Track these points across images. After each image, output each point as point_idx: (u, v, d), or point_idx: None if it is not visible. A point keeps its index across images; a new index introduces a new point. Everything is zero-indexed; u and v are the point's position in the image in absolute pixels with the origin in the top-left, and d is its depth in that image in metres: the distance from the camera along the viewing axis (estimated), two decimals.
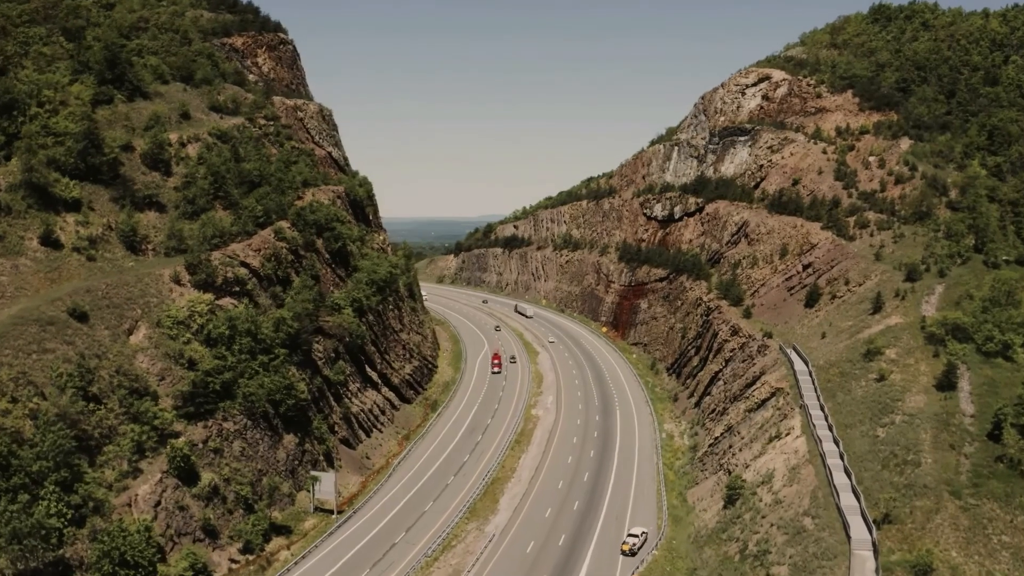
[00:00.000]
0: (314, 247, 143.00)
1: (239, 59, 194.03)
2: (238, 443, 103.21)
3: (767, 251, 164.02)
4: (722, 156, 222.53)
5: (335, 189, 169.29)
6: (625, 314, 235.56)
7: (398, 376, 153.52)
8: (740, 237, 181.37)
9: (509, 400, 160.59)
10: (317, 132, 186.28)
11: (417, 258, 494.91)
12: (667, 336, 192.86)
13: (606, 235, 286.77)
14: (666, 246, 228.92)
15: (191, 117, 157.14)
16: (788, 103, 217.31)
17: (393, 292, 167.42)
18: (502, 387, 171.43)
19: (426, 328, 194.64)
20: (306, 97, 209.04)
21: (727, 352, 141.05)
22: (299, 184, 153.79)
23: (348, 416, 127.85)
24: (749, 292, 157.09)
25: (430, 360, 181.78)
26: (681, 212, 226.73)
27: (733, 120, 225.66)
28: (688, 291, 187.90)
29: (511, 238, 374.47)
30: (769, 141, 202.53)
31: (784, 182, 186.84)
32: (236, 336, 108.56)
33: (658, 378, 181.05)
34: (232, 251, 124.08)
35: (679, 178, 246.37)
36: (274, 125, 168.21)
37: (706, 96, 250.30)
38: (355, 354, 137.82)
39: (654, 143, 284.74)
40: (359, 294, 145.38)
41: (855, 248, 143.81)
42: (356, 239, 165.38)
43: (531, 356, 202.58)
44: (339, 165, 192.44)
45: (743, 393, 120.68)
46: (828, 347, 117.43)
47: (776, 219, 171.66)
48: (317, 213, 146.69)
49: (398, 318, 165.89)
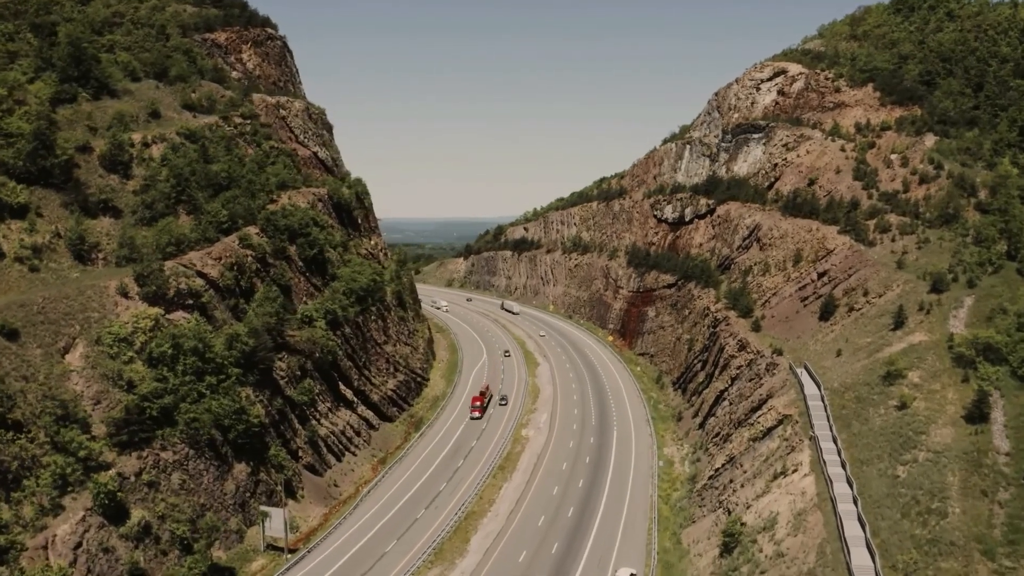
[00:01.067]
0: (285, 254, 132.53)
1: (222, 55, 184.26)
2: (177, 475, 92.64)
3: (780, 257, 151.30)
4: (735, 155, 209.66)
5: (316, 191, 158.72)
6: (633, 322, 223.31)
7: (378, 393, 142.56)
8: (752, 241, 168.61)
9: (500, 418, 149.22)
10: (302, 131, 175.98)
11: (426, 261, 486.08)
12: (674, 347, 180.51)
13: (616, 238, 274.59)
14: (676, 250, 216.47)
15: (161, 116, 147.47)
16: (805, 98, 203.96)
17: (378, 301, 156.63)
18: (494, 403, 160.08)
19: (418, 339, 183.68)
20: (295, 95, 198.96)
21: (733, 369, 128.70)
22: (273, 186, 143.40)
23: (315, 440, 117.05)
24: (759, 302, 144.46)
25: (420, 373, 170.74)
26: (692, 214, 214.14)
27: (747, 117, 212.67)
28: (696, 299, 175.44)
29: (520, 240, 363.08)
30: (784, 138, 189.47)
31: (799, 182, 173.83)
32: (180, 355, 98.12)
33: (663, 393, 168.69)
34: (189, 260, 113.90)
35: (691, 178, 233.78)
36: (251, 124, 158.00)
37: (720, 92, 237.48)
38: (326, 371, 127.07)
39: (666, 142, 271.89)
40: (335, 305, 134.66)
41: (875, 255, 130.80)
42: (337, 245, 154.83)
43: (530, 368, 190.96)
44: (326, 166, 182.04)
45: (748, 418, 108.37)
46: (843, 367, 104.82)
47: (790, 222, 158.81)
48: (290, 217, 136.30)
49: (382, 329, 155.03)
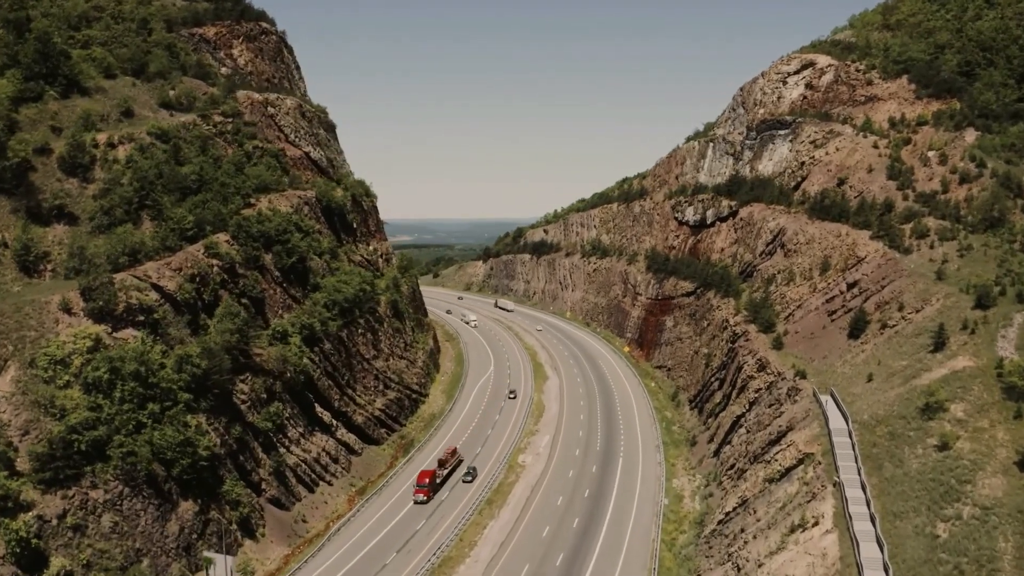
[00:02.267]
0: (259, 263, 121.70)
1: (210, 51, 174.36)
2: (108, 517, 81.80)
3: (806, 265, 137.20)
4: (759, 153, 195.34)
5: (302, 194, 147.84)
6: (651, 331, 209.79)
7: (363, 414, 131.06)
8: (775, 247, 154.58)
9: (497, 440, 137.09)
10: (293, 130, 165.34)
11: (446, 264, 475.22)
12: (691, 361, 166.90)
13: (636, 241, 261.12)
14: (697, 255, 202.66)
15: (134, 115, 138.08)
16: (834, 91, 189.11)
17: (367, 313, 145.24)
18: (494, 422, 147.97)
19: (416, 351, 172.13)
20: (290, 92, 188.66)
21: (751, 392, 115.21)
22: (250, 189, 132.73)
23: (281, 470, 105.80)
24: (782, 315, 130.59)
25: (417, 389, 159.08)
26: (714, 216, 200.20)
27: (773, 112, 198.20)
28: (715, 310, 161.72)
29: (540, 243, 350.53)
30: (812, 135, 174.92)
31: (828, 182, 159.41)
32: (119, 380, 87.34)
33: (678, 412, 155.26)
34: (144, 272, 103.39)
35: (713, 178, 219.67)
36: (233, 122, 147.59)
37: (745, 87, 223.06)
38: (300, 392, 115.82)
39: (689, 140, 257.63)
40: (313, 318, 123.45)
41: (911, 263, 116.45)
42: (324, 252, 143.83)
43: (538, 383, 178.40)
44: (319, 167, 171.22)
45: (765, 453, 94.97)
46: (875, 395, 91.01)
47: (817, 226, 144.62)
48: (266, 223, 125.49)
49: (371, 343, 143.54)
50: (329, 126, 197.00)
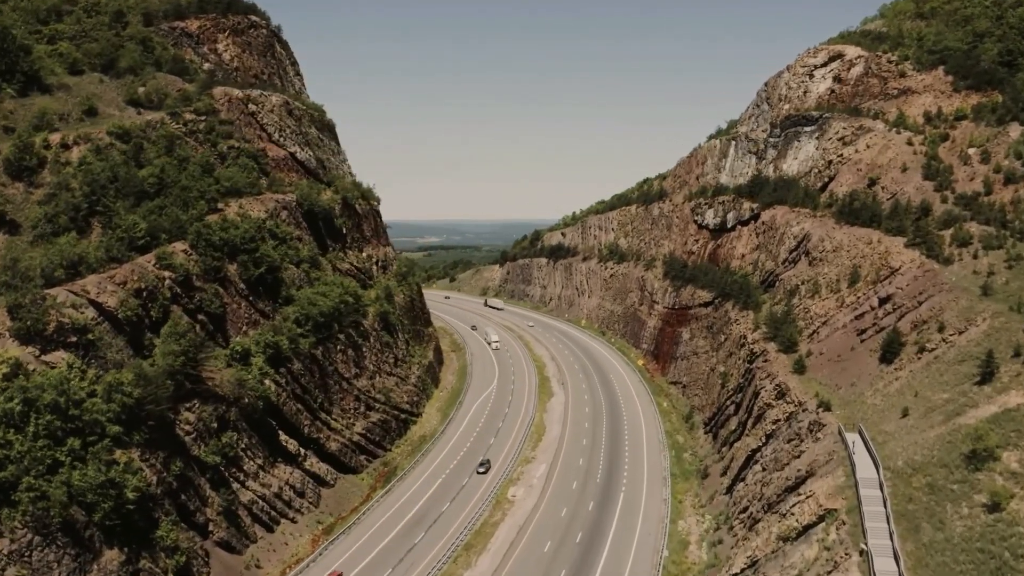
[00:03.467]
0: (220, 275, 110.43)
1: (192, 45, 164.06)
2: (14, 571, 70.46)
3: (832, 275, 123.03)
4: (784, 151, 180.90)
5: (280, 198, 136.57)
6: (667, 344, 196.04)
7: (340, 440, 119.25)
8: (800, 254, 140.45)
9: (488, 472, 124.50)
10: (277, 129, 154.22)
11: (464, 267, 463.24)
12: (707, 379, 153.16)
13: (654, 245, 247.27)
14: (716, 261, 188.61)
15: (98, 113, 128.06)
16: (864, 84, 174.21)
17: (350, 327, 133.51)
18: (488, 446, 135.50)
19: (410, 366, 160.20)
20: (281, 89, 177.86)
21: (769, 423, 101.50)
22: (216, 193, 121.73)
23: (232, 509, 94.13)
24: (805, 333, 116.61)
25: (407, 408, 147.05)
26: (734, 220, 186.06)
27: (798, 108, 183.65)
28: (732, 324, 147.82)
29: (557, 247, 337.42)
30: (840, 131, 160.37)
31: (858, 182, 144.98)
32: (33, 413, 76.19)
33: (692, 436, 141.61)
34: (82, 286, 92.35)
35: (735, 178, 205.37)
36: (207, 120, 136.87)
37: (770, 82, 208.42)
38: (259, 419, 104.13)
39: (711, 138, 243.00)
40: (281, 336, 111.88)
41: (952, 276, 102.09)
42: (303, 260, 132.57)
43: (542, 400, 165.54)
44: (306, 168, 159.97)
45: (781, 501, 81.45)
46: (911, 435, 77.22)
47: (846, 231, 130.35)
48: (231, 230, 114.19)
49: (353, 361, 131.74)
50: (323, 125, 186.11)
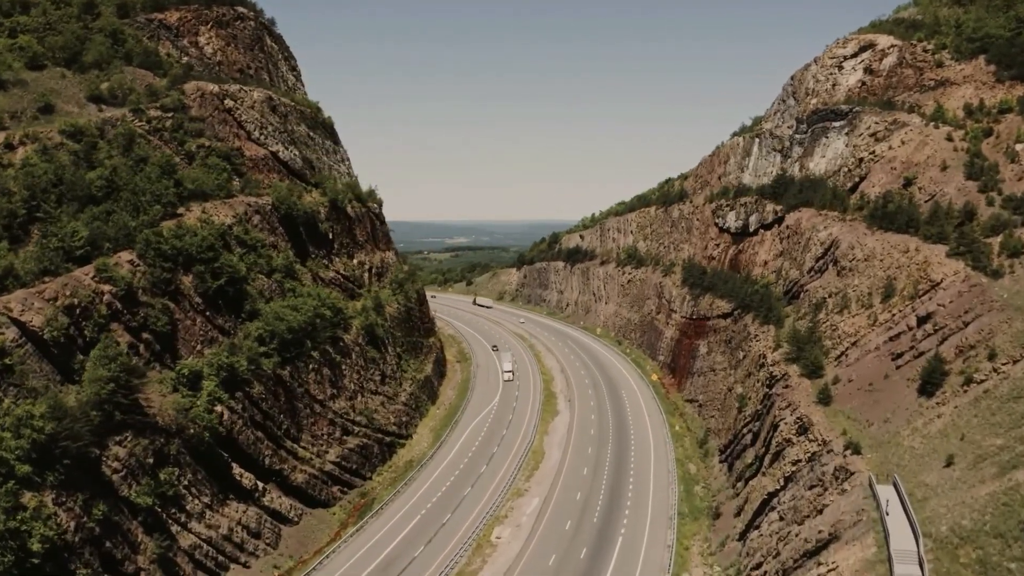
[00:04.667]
0: (171, 288, 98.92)
1: (171, 38, 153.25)
2: None
3: (863, 288, 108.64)
4: (811, 149, 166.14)
5: (253, 201, 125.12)
6: (683, 356, 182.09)
7: (308, 470, 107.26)
8: (827, 263, 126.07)
9: (476, 500, 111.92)
10: (257, 126, 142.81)
11: (481, 270, 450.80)
12: (724, 400, 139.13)
13: (673, 249, 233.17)
14: (738, 268, 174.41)
15: (55, 110, 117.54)
16: (898, 76, 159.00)
17: (326, 343, 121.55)
18: (478, 474, 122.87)
19: (401, 383, 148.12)
20: (272, 84, 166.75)
21: (788, 463, 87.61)
22: (176, 197, 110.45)
23: (170, 556, 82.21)
24: (833, 355, 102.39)
25: (394, 431, 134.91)
26: (757, 223, 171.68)
27: (826, 102, 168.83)
28: (752, 339, 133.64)
29: (574, 250, 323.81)
30: (872, 126, 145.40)
31: (892, 182, 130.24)
32: None
33: (705, 464, 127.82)
34: (5, 303, 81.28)
35: (759, 178, 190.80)
36: (174, 117, 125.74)
37: (796, 75, 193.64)
38: (208, 451, 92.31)
39: (735, 136, 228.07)
40: (238, 356, 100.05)
41: (1004, 291, 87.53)
42: (276, 270, 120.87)
43: (545, 421, 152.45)
44: (290, 168, 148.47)
45: (799, 567, 67.74)
46: (958, 492, 63.30)
47: (879, 238, 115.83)
48: (186, 238, 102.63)
49: (329, 380, 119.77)
50: (316, 122, 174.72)
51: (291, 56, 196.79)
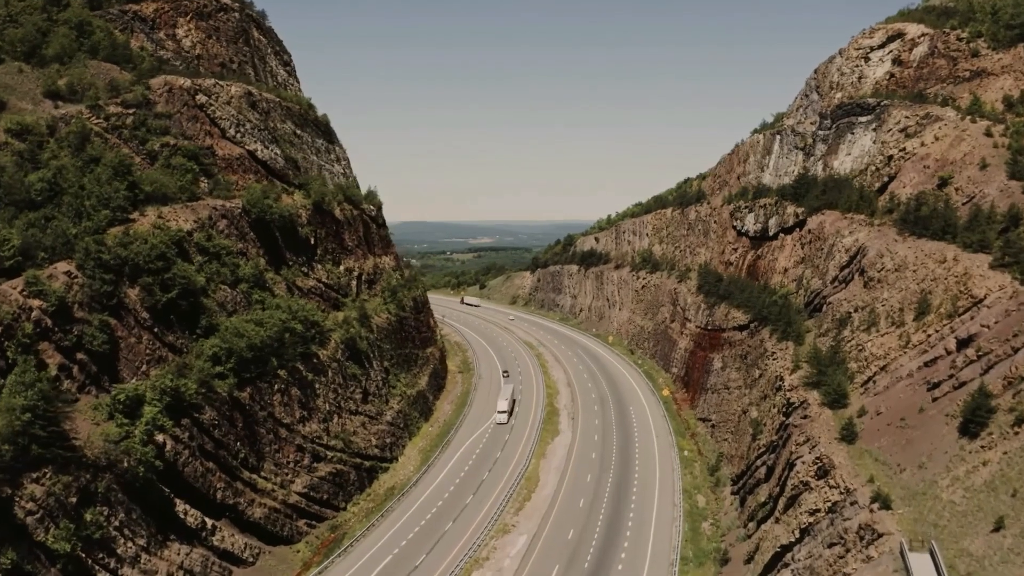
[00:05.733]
0: (114, 302, 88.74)
1: (146, 31, 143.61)
2: None
3: (894, 303, 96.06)
4: (835, 146, 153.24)
5: (220, 205, 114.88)
6: (697, 370, 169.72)
7: (269, 503, 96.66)
8: (852, 272, 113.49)
9: (457, 537, 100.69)
10: (233, 123, 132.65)
11: (496, 273, 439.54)
12: (738, 423, 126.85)
13: (689, 254, 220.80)
14: (756, 275, 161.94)
15: (6, 107, 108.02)
16: (930, 66, 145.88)
17: (296, 359, 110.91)
18: (464, 504, 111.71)
19: (389, 400, 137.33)
20: (256, 79, 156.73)
21: (805, 512, 75.44)
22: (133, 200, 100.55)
23: None
24: (859, 380, 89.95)
25: (376, 454, 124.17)
26: (777, 226, 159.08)
27: (852, 95, 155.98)
28: (768, 357, 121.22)
29: (589, 253, 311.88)
30: (902, 120, 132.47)
31: (925, 182, 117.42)
32: None
33: (716, 496, 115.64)
34: None
35: (780, 177, 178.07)
36: (136, 114, 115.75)
37: (820, 69, 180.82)
38: (146, 487, 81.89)
39: (755, 133, 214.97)
40: (186, 379, 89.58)
41: None
42: (244, 279, 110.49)
43: (543, 443, 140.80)
44: (270, 168, 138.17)
45: None
46: (1010, 569, 51.12)
47: (911, 245, 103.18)
48: (134, 246, 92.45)
49: (298, 402, 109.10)
50: (306, 120, 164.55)
51: (284, 51, 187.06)
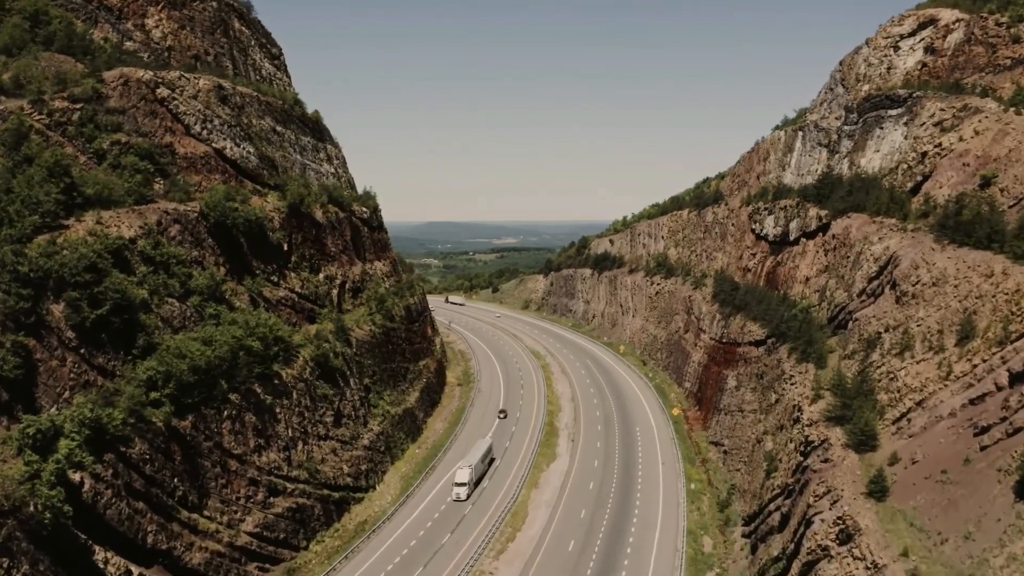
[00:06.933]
0: (32, 321, 77.52)
1: (112, 21, 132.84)
2: None
3: (932, 323, 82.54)
4: (862, 142, 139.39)
5: (173, 208, 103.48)
6: (710, 386, 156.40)
7: (212, 545, 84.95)
8: (883, 285, 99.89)
9: None
10: (199, 119, 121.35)
11: (509, 276, 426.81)
12: (752, 452, 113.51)
13: (705, 258, 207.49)
14: (775, 283, 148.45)
15: None
16: (966, 54, 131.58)
17: (252, 381, 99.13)
18: (440, 545, 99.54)
19: (368, 421, 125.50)
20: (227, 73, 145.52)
21: None
22: (69, 205, 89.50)
23: None
24: (890, 416, 76.51)
25: (350, 483, 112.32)
26: (798, 230, 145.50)
27: (881, 87, 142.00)
28: (785, 380, 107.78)
29: (603, 256, 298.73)
30: (936, 114, 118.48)
31: (964, 182, 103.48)
32: None
33: (725, 539, 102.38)
34: None
35: (802, 177, 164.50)
36: (84, 110, 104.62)
37: (845, 60, 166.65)
38: (59, 533, 70.41)
39: (776, 129, 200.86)
40: (111, 408, 78.09)
41: None
42: (197, 292, 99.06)
43: (537, 467, 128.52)
44: (240, 168, 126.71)
45: None
46: None
47: (951, 255, 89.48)
48: (57, 257, 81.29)
49: (253, 429, 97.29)
50: (289, 116, 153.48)
51: (272, 44, 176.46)
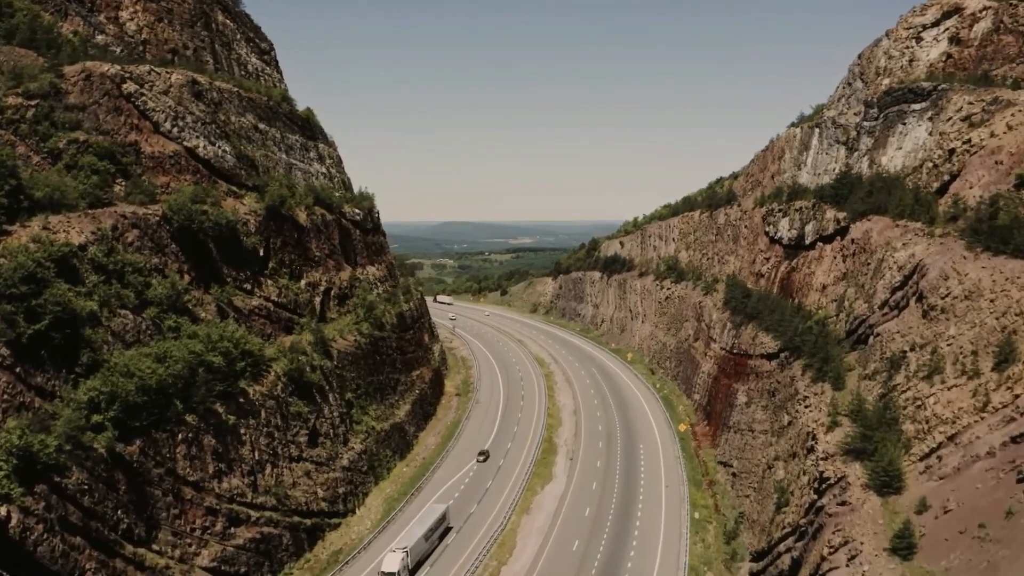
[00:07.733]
0: None
1: (83, 14, 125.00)
2: None
3: (965, 343, 72.94)
4: (883, 138, 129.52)
5: (132, 212, 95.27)
6: (720, 400, 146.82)
7: None
8: (907, 297, 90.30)
9: None
10: (170, 116, 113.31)
11: (519, 278, 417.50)
12: (763, 478, 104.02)
13: (717, 262, 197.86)
14: (789, 291, 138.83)
15: None
16: (995, 44, 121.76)
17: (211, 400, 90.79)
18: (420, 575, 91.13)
19: (345, 441, 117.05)
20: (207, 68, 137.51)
21: None
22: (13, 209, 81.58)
23: None
24: (918, 451, 67.02)
25: (325, 508, 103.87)
26: (814, 233, 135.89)
27: (903, 80, 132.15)
28: (799, 401, 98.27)
29: (612, 259, 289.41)
30: (964, 108, 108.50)
31: (997, 181, 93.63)
32: None
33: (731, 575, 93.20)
34: None
35: (818, 176, 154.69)
36: (39, 106, 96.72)
37: (864, 53, 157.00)
38: None
39: (791, 126, 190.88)
40: (51, 435, 69.98)
41: None
42: (155, 302, 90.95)
43: (533, 487, 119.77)
44: (214, 168, 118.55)
45: None
46: None
47: (985, 264, 79.82)
48: None
49: (213, 453, 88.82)
50: (274, 113, 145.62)
51: (261, 38, 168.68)
